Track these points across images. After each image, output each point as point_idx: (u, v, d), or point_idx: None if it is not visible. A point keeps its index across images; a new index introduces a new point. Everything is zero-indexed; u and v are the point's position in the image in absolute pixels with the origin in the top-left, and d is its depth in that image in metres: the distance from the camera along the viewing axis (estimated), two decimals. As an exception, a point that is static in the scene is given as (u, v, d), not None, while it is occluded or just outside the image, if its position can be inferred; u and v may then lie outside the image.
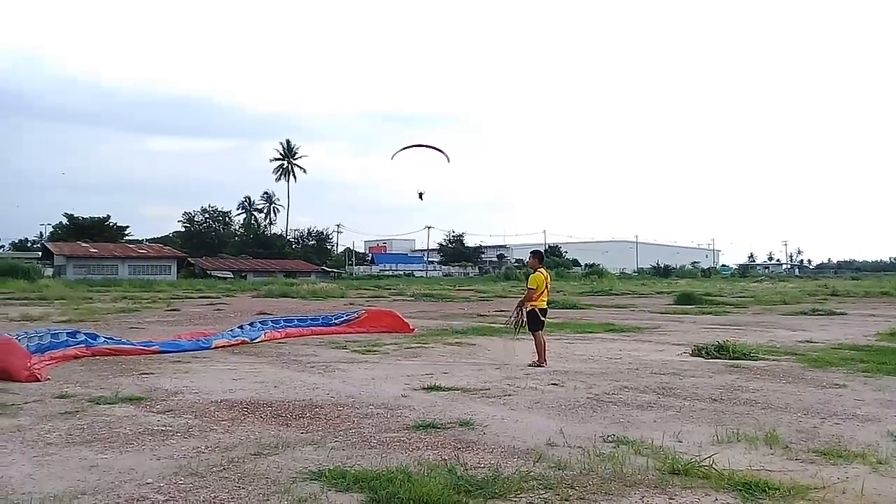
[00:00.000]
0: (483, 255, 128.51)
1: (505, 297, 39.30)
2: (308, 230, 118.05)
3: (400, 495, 4.92)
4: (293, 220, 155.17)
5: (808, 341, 16.10)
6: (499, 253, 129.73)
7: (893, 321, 22.12)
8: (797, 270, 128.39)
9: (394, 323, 18.34)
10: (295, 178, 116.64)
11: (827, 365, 12.00)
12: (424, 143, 21.48)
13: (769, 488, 5.21)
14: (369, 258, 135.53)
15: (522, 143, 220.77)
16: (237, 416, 7.87)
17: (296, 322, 18.14)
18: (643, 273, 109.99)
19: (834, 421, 7.72)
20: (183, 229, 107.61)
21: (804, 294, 43.20)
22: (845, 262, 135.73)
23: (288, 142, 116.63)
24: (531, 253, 13.19)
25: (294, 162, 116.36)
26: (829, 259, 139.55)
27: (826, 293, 43.79)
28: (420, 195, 24.29)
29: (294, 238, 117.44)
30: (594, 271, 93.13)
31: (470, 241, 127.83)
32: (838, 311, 27.90)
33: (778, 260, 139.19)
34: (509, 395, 9.32)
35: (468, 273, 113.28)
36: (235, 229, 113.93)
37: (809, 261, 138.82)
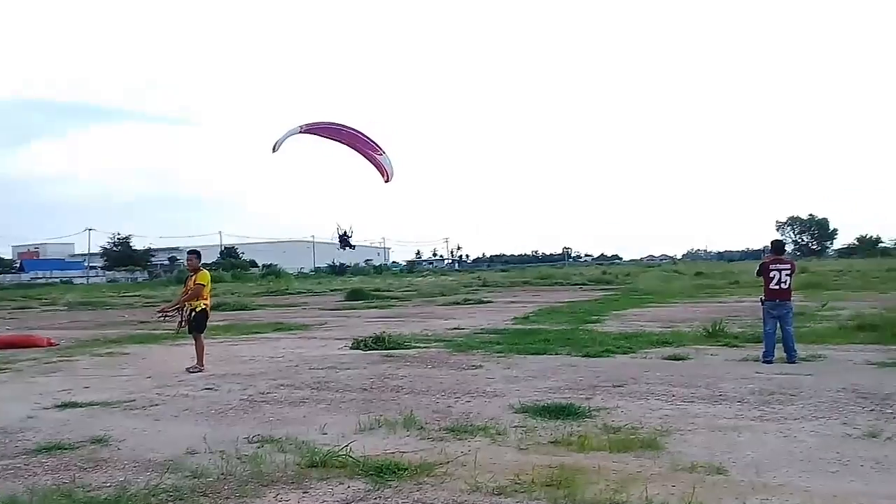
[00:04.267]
0: (153, 259, 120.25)
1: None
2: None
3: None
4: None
5: (456, 328, 17.56)
6: (171, 256, 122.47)
7: (529, 306, 25.15)
8: (457, 265, 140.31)
9: (25, 338, 16.39)
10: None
11: (469, 349, 13.16)
12: (332, 126, 15.01)
13: (399, 469, 5.49)
14: (17, 265, 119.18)
15: (196, 138, 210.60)
16: None
17: None
18: (320, 272, 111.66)
19: (466, 399, 8.46)
20: None
21: (460, 286, 47.19)
22: (496, 255, 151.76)
23: None
24: (189, 252, 12.68)
25: None
26: (483, 254, 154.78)
27: (478, 284, 48.35)
28: (343, 240, 17.73)
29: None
30: (271, 272, 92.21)
31: (138, 244, 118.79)
32: (486, 299, 30.97)
33: (441, 256, 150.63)
34: (156, 404, 8.73)
35: (136, 278, 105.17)
36: None
37: (468, 255, 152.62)
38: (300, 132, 14.27)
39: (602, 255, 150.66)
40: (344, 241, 17.26)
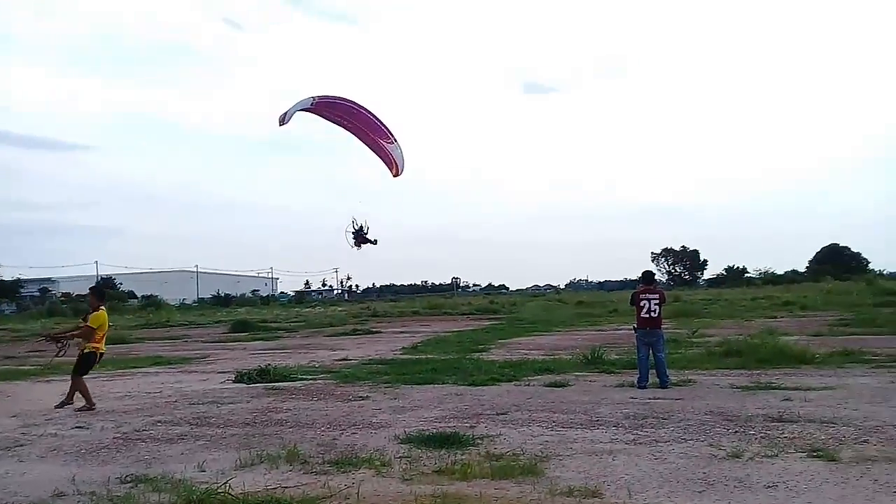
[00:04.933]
0: (22, 290, 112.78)
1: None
2: None
3: None
4: None
5: (344, 359, 17.43)
6: (42, 287, 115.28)
7: (417, 336, 25.27)
8: (346, 295, 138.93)
9: None
10: None
11: (356, 380, 13.09)
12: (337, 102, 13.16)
13: (280, 505, 5.40)
14: None
15: (70, 161, 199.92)
16: None
17: None
18: (204, 303, 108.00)
19: (352, 431, 8.41)
20: None
21: (350, 316, 46.83)
22: (387, 286, 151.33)
23: None
24: (91, 289, 11.96)
25: None
26: (373, 284, 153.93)
27: (368, 314, 48.10)
28: (360, 237, 14.50)
29: None
30: (151, 303, 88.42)
31: (7, 274, 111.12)
32: (375, 329, 30.89)
33: (331, 286, 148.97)
34: (21, 445, 8.23)
35: (3, 310, 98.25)
36: None
37: (357, 286, 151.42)
38: (312, 104, 12.66)
39: (490, 284, 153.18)
40: (360, 237, 14.60)
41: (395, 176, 13.93)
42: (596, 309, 42.32)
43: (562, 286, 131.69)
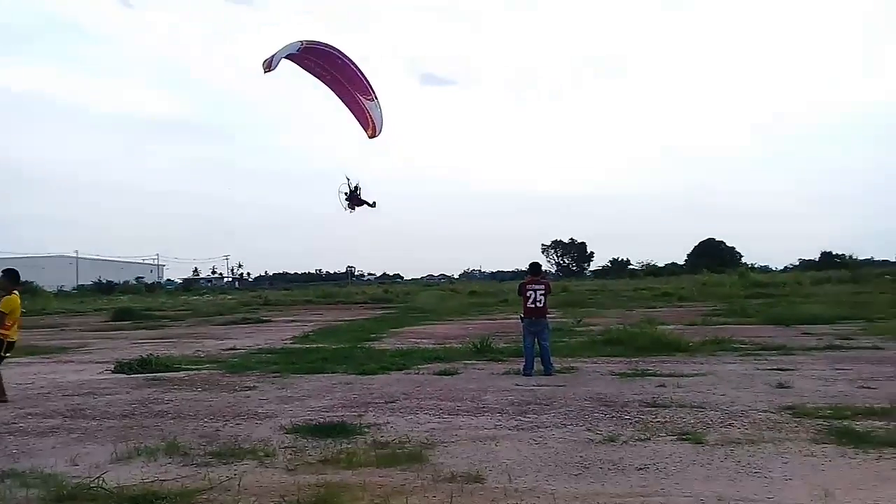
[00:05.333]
0: None
1: None
2: None
3: None
4: None
5: (232, 348, 17.04)
6: None
7: (309, 325, 24.99)
8: (237, 283, 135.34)
9: None
10: None
11: (243, 369, 12.84)
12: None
13: (157, 499, 5.26)
14: None
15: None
16: None
17: None
18: (84, 290, 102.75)
19: (237, 422, 8.26)
20: None
21: (240, 305, 45.70)
22: (279, 274, 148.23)
23: None
24: (3, 272, 10.81)
25: None
26: (266, 272, 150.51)
27: (259, 303, 47.12)
28: (354, 198, 13.54)
29: None
30: (26, 290, 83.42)
31: None
32: (265, 318, 30.33)
33: (221, 274, 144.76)
34: None
35: None
36: None
37: (249, 274, 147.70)
38: (299, 49, 11.80)
39: (384, 274, 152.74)
40: (355, 198, 13.41)
41: (370, 137, 13.16)
42: (488, 299, 43.03)
43: (456, 276, 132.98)
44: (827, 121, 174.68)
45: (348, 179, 13.40)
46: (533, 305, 11.79)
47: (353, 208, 13.47)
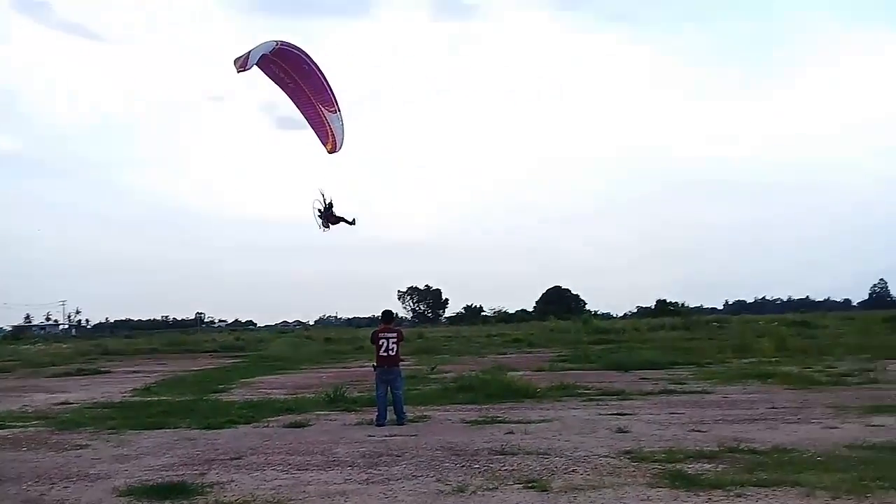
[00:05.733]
0: None
1: None
2: None
3: None
4: None
5: (64, 402, 15.86)
6: None
7: (152, 376, 23.67)
8: (74, 331, 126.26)
9: None
10: None
11: (75, 426, 11.99)
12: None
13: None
14: None
15: None
16: None
17: None
18: None
19: (64, 485, 7.69)
20: None
21: (77, 354, 42.49)
22: (122, 321, 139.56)
23: None
24: None
25: None
26: (107, 318, 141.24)
27: (98, 352, 44.09)
28: (328, 216, 12.79)
29: None
30: None
31: None
32: (104, 369, 28.43)
33: (56, 321, 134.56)
34: None
35: None
36: None
37: (88, 321, 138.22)
38: (273, 49, 11.13)
39: (236, 320, 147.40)
40: (329, 215, 12.74)
41: (329, 152, 12.56)
42: (343, 346, 42.52)
43: (311, 322, 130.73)
44: (667, 179, 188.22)
45: (322, 195, 12.83)
46: (385, 354, 11.79)
47: (328, 226, 12.95)
